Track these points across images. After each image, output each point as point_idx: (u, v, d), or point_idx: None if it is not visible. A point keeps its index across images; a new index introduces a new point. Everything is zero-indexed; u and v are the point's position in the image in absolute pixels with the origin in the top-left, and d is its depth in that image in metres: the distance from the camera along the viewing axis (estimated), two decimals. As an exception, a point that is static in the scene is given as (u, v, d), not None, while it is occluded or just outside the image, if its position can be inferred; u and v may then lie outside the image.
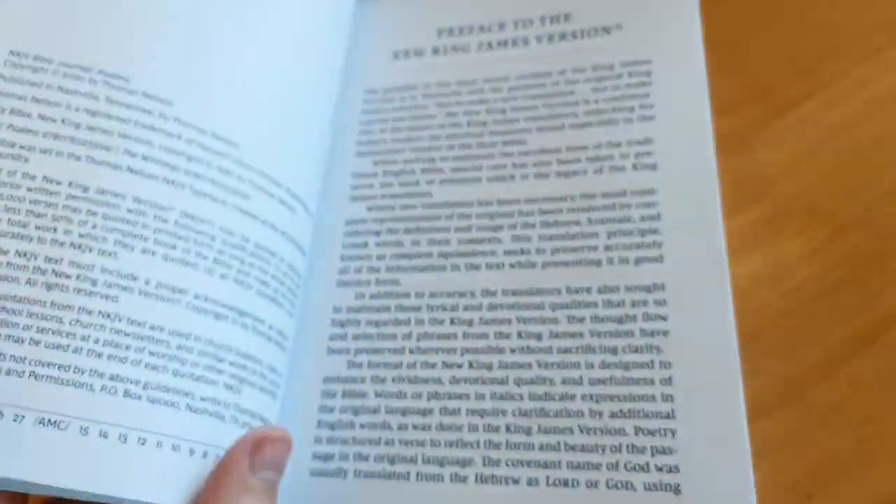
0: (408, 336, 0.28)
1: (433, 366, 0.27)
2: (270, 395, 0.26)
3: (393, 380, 0.27)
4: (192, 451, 0.22)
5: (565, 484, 0.24)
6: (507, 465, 0.25)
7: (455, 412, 0.26)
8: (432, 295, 0.29)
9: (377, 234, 0.30)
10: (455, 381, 0.27)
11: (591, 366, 0.26)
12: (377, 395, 0.27)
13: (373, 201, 0.31)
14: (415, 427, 0.26)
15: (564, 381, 0.26)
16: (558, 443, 0.25)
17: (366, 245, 0.30)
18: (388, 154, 0.32)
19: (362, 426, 0.27)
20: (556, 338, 0.27)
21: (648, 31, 0.32)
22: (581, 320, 0.27)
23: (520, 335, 0.27)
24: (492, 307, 0.28)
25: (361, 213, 0.31)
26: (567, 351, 0.26)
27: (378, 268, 0.29)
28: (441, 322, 0.28)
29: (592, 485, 0.24)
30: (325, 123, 0.30)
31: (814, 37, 0.33)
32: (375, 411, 0.27)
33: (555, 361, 0.26)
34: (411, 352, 0.28)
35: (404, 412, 0.26)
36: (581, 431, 0.25)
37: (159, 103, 0.24)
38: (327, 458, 0.26)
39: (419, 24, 0.35)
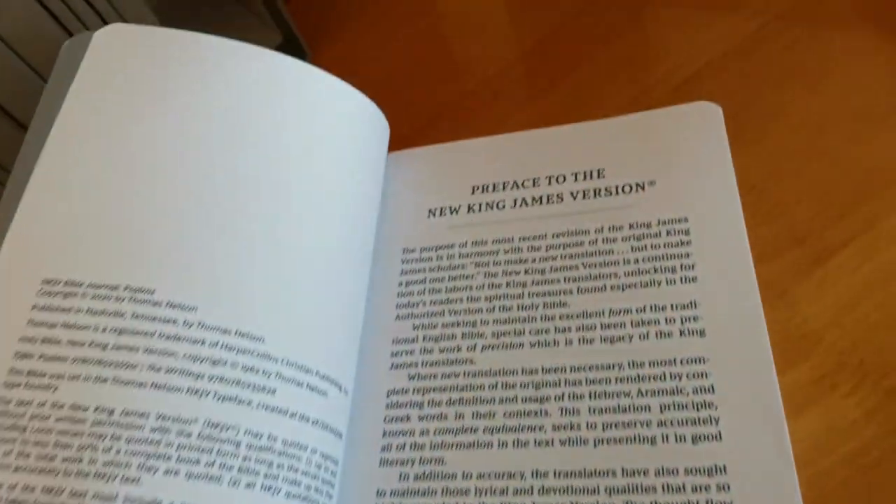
0: (466, 526, 0.26)
1: (483, 563, 0.25)
2: None
3: (442, 578, 0.25)
4: None
5: None
6: None
7: None
8: (480, 476, 0.27)
9: (420, 405, 0.29)
10: (502, 580, 0.25)
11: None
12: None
13: (414, 369, 0.30)
14: None
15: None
16: None
17: (408, 419, 0.29)
18: (428, 317, 0.31)
19: None
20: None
21: (683, 186, 0.30)
22: (641, 508, 0.24)
23: (573, 524, 0.25)
24: (543, 491, 0.26)
25: (403, 383, 0.30)
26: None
27: (422, 444, 0.28)
28: (490, 508, 0.26)
29: None
30: (359, 291, 0.30)
31: (848, 179, 0.31)
32: None
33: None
34: (470, 543, 0.26)
35: None
36: None
37: (183, 311, 0.24)
38: None
39: (453, 180, 0.35)
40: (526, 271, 0.31)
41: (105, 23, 0.33)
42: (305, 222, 0.28)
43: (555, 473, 0.26)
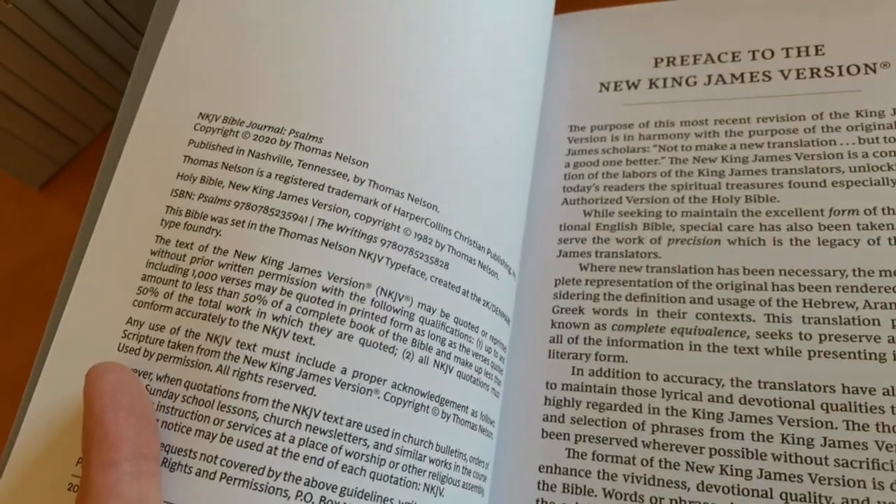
0: (640, 426, 0.24)
1: (675, 466, 0.23)
2: (477, 492, 0.23)
3: (626, 478, 0.23)
4: None
5: None
6: None
7: (706, 529, 0.22)
8: (668, 378, 0.24)
9: (594, 298, 0.27)
10: (704, 487, 0.23)
11: (880, 485, 0.21)
12: (607, 494, 0.23)
13: (586, 259, 0.28)
14: (656, 539, 0.22)
15: (847, 502, 0.21)
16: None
17: (581, 311, 0.27)
18: (602, 203, 0.28)
19: (590, 531, 0.23)
20: (833, 447, 0.22)
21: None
22: (864, 428, 0.22)
23: (784, 439, 0.22)
24: (746, 401, 0.23)
25: (573, 272, 0.27)
26: (848, 465, 0.22)
27: (598, 339, 0.26)
28: (682, 413, 0.24)
29: None
30: (526, 168, 0.27)
31: None
32: (605, 515, 0.23)
33: (832, 476, 0.22)
34: (646, 445, 0.24)
35: (641, 520, 0.23)
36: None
37: (354, 166, 0.22)
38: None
39: (631, 51, 0.31)
40: (723, 159, 0.28)
41: None
42: (472, 86, 0.25)
43: (760, 383, 0.23)
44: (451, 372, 0.22)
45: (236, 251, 0.21)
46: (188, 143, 0.23)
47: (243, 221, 0.22)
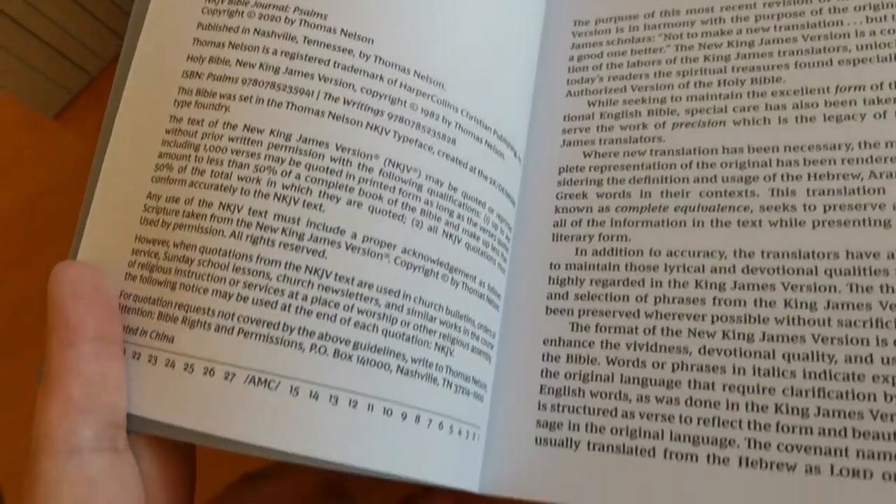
0: (643, 298, 0.25)
1: (677, 333, 0.24)
2: (485, 357, 0.24)
3: (628, 346, 0.24)
4: (404, 415, 0.21)
5: (855, 474, 0.20)
6: (780, 449, 0.21)
7: (708, 387, 0.23)
8: (671, 254, 0.25)
9: (598, 183, 0.27)
10: (706, 351, 0.23)
11: (883, 342, 0.22)
12: (610, 361, 0.24)
13: (590, 146, 0.28)
14: (658, 400, 0.23)
15: (849, 359, 0.22)
16: (844, 428, 0.21)
17: (584, 196, 0.27)
18: (606, 93, 0.29)
19: (594, 395, 0.24)
20: (836, 309, 0.23)
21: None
22: (868, 290, 0.23)
23: (787, 304, 0.23)
24: (749, 270, 0.24)
25: (577, 160, 0.28)
26: (851, 324, 0.22)
27: (601, 221, 0.27)
28: (684, 285, 0.25)
29: (891, 477, 0.20)
30: (531, 57, 0.28)
31: None
32: (608, 379, 0.24)
33: (835, 336, 0.22)
34: (648, 316, 0.24)
35: (644, 382, 0.24)
36: (875, 417, 0.21)
37: (359, 42, 0.23)
38: (555, 426, 0.24)
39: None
40: (729, 44, 0.28)
41: None
42: None
43: (763, 253, 0.24)
44: (459, 243, 0.23)
45: (245, 125, 0.22)
46: (196, 27, 0.23)
47: (251, 97, 0.22)
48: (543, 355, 0.25)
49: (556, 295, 0.26)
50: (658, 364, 0.24)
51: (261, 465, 0.24)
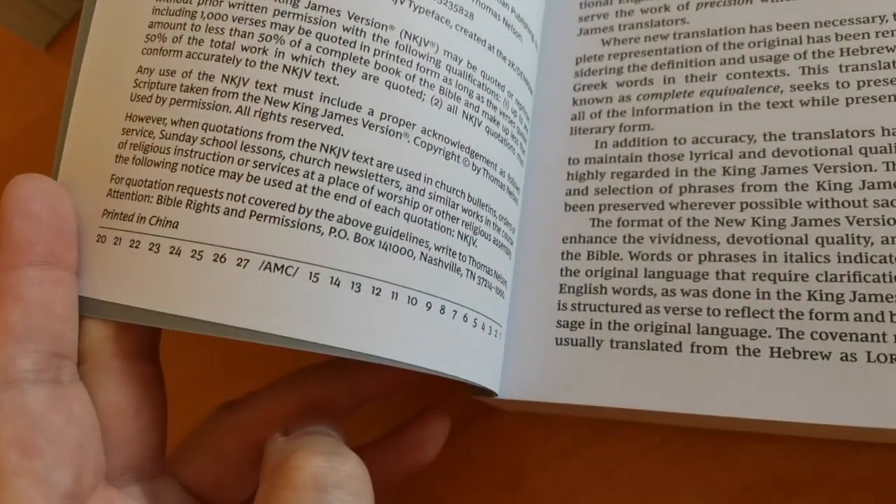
0: (667, 189, 0.24)
1: (704, 223, 0.23)
2: (505, 252, 0.23)
3: (652, 239, 0.23)
4: (429, 305, 0.20)
5: (893, 360, 0.20)
6: (814, 337, 0.21)
7: (738, 276, 0.22)
8: (696, 141, 0.24)
9: (618, 71, 0.26)
10: (735, 240, 0.23)
11: (921, 222, 0.21)
12: (633, 256, 0.23)
13: (609, 33, 0.27)
14: (685, 293, 0.22)
15: (886, 241, 0.21)
16: (882, 312, 0.21)
17: (604, 86, 0.26)
18: (624, -24, 0.27)
19: (616, 291, 0.23)
20: (873, 189, 0.22)
21: None
22: (905, 165, 0.22)
23: (820, 186, 0.22)
24: (779, 153, 0.23)
25: (595, 49, 0.27)
26: (889, 204, 0.21)
27: (622, 111, 0.25)
28: (711, 172, 0.24)
29: (930, 365, 0.20)
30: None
31: None
32: (631, 275, 0.23)
33: (871, 217, 0.21)
34: (673, 207, 0.23)
35: (669, 276, 0.23)
36: (913, 301, 0.20)
37: None
38: (575, 325, 0.23)
39: None
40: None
41: None
42: None
43: (794, 135, 0.23)
44: (479, 126, 0.22)
45: (249, -5, 0.20)
46: None
47: None
48: (563, 253, 0.24)
49: (575, 191, 0.25)
50: (684, 256, 0.23)
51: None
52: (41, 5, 0.34)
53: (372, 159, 0.20)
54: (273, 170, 0.19)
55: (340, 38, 0.20)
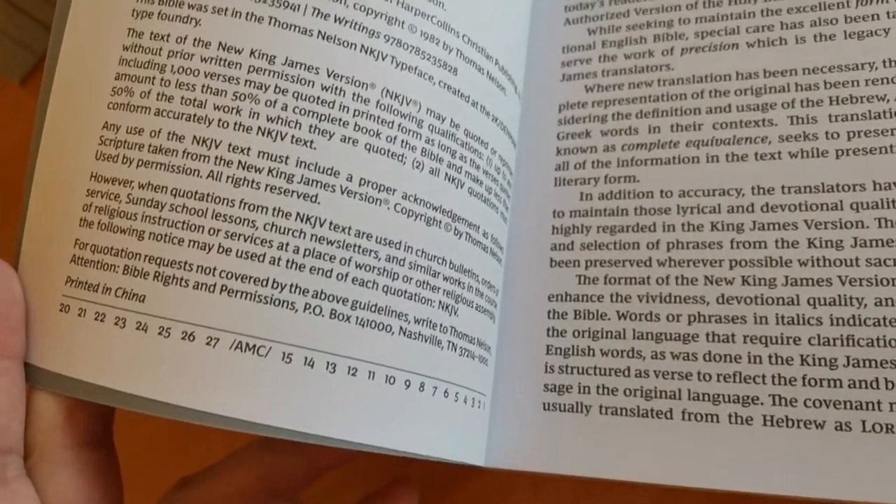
0: (654, 245, 0.23)
1: (693, 282, 0.22)
2: (489, 316, 0.22)
3: (640, 298, 0.23)
4: (407, 384, 0.19)
5: (889, 429, 0.19)
6: (807, 404, 0.20)
7: (728, 339, 0.21)
8: (683, 194, 0.23)
9: (602, 120, 0.25)
10: (724, 300, 0.22)
11: (916, 283, 0.21)
12: (621, 316, 0.23)
13: (592, 80, 0.26)
14: (674, 356, 0.22)
15: (880, 302, 0.21)
16: (876, 379, 0.20)
17: (588, 134, 0.25)
18: (607, 19, 0.26)
19: (604, 353, 0.22)
20: (865, 247, 0.21)
21: None
22: (897, 224, 0.21)
23: (811, 243, 0.22)
24: (768, 208, 0.22)
25: (578, 95, 0.26)
26: (881, 263, 0.21)
27: (607, 161, 0.25)
28: (699, 228, 0.23)
29: (926, 434, 0.19)
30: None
31: None
32: (620, 336, 0.22)
33: (864, 276, 0.21)
34: (661, 264, 0.23)
35: (658, 338, 0.22)
36: (907, 367, 0.20)
37: (348, -48, 0.20)
38: (563, 390, 0.22)
39: None
40: (741, -38, 0.26)
41: None
42: None
43: (783, 189, 0.23)
44: (462, 188, 0.21)
45: (220, 44, 0.19)
46: None
47: (226, 9, 0.19)
48: (549, 312, 0.23)
49: (560, 245, 0.24)
50: (673, 317, 0.22)
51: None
52: (14, 39, 0.33)
53: (350, 229, 0.19)
54: (245, 241, 0.18)
55: (319, 98, 0.19)
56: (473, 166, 0.21)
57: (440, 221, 0.20)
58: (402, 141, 0.20)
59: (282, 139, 0.18)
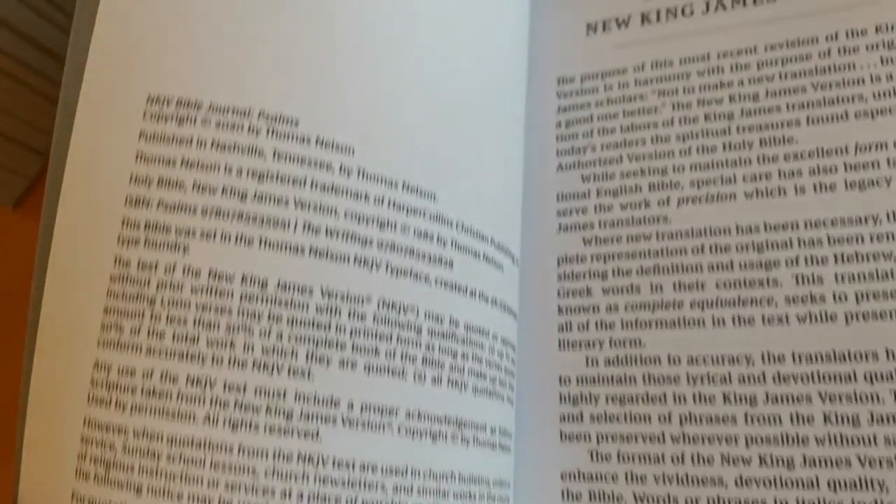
0: (666, 418, 0.22)
1: (709, 461, 0.22)
2: (501, 512, 0.21)
3: (656, 479, 0.22)
4: None
5: None
6: None
7: (750, 527, 0.21)
8: (692, 361, 0.23)
9: (602, 276, 0.25)
10: (743, 482, 0.21)
11: (936, 460, 0.20)
12: (638, 499, 0.22)
13: (589, 231, 0.25)
14: (697, 546, 0.21)
15: (904, 485, 0.20)
16: (904, 572, 0.19)
17: (589, 292, 0.25)
18: (601, 165, 0.26)
19: (624, 544, 0.22)
20: (882, 423, 0.21)
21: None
22: (915, 396, 0.21)
23: (827, 419, 0.21)
24: (780, 379, 0.22)
25: (577, 248, 0.25)
26: (902, 441, 0.20)
27: (611, 323, 0.24)
28: (710, 399, 0.22)
29: None
30: (516, 132, 0.25)
31: None
32: (638, 524, 0.22)
33: (883, 456, 0.20)
34: (675, 440, 0.22)
35: (679, 525, 0.21)
36: (934, 554, 0.19)
37: (339, 153, 0.19)
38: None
39: (619, -17, 0.28)
40: (731, 98, 0.25)
41: None
42: (453, 53, 0.22)
43: (794, 357, 0.22)
44: (466, 390, 0.20)
45: (210, 271, 0.18)
46: (139, 137, 0.19)
47: (214, 232, 0.18)
48: (563, 493, 0.23)
49: (569, 416, 0.23)
50: (692, 500, 0.21)
51: None
52: (4, 166, 0.32)
53: (353, 463, 0.18)
54: (247, 492, 0.17)
55: (314, 322, 0.18)
56: (476, 361, 0.20)
57: (446, 434, 0.19)
58: (402, 354, 0.19)
59: (278, 372, 0.18)
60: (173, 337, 0.18)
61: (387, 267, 0.19)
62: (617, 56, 0.27)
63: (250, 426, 0.17)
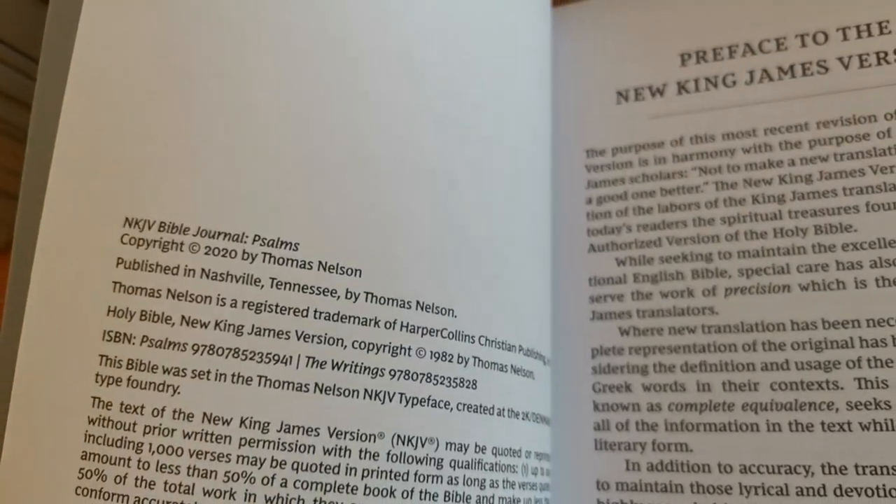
0: (719, 541, 0.20)
1: None
2: None
3: None
4: None
5: None
6: None
7: None
8: (745, 470, 0.21)
9: (643, 371, 0.22)
10: None
11: None
12: None
13: (626, 321, 0.23)
14: None
15: None
16: None
17: (628, 388, 0.22)
18: (637, 248, 0.24)
19: None
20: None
21: None
22: None
23: (900, 543, 0.18)
24: (842, 492, 0.19)
25: (613, 339, 0.23)
26: None
27: (653, 424, 0.22)
28: (768, 518, 0.20)
29: None
30: (541, 213, 0.23)
31: None
32: None
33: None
34: (731, 569, 0.20)
35: None
36: None
37: (344, 276, 0.18)
38: None
39: (651, 47, 0.26)
40: (781, 179, 0.23)
41: None
42: (466, 126, 0.20)
43: (857, 468, 0.20)
44: (494, 517, 0.18)
45: (205, 414, 0.17)
46: (116, 264, 0.17)
47: (208, 372, 0.17)
48: None
49: (610, 533, 0.21)
50: None
51: None
52: None
53: None
54: None
55: (321, 465, 0.16)
56: (508, 487, 0.18)
57: (472, 579, 0.17)
58: (421, 492, 0.17)
59: (285, 529, 0.16)
60: (165, 486, 0.16)
61: (401, 398, 0.17)
62: (652, 128, 0.25)
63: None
